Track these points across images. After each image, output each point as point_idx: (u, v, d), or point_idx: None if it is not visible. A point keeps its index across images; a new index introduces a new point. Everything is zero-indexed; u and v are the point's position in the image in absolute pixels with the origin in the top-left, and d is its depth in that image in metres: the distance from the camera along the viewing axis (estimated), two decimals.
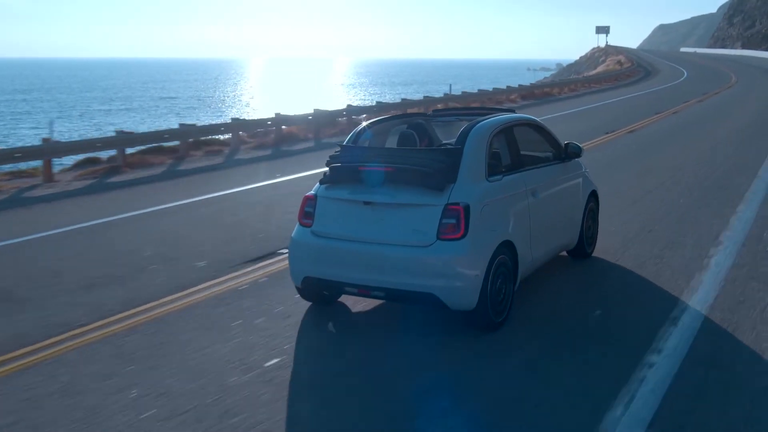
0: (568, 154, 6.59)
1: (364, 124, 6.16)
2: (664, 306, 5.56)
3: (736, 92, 32.42)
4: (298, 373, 4.61)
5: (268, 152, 16.47)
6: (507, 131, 5.84)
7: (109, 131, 23.40)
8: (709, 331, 5.04)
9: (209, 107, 66.04)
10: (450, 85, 32.68)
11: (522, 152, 6.00)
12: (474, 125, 5.49)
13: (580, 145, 6.76)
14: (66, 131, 40.57)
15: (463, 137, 5.33)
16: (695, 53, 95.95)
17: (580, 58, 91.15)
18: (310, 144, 17.87)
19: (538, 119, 6.74)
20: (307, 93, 74.99)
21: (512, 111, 6.63)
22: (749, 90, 33.54)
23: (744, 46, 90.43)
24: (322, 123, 19.72)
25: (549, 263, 6.45)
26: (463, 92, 29.57)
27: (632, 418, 3.82)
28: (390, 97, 32.92)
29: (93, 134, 33.26)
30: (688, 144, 15.13)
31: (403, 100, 26.01)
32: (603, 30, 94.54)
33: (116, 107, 65.86)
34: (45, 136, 15.65)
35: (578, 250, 6.86)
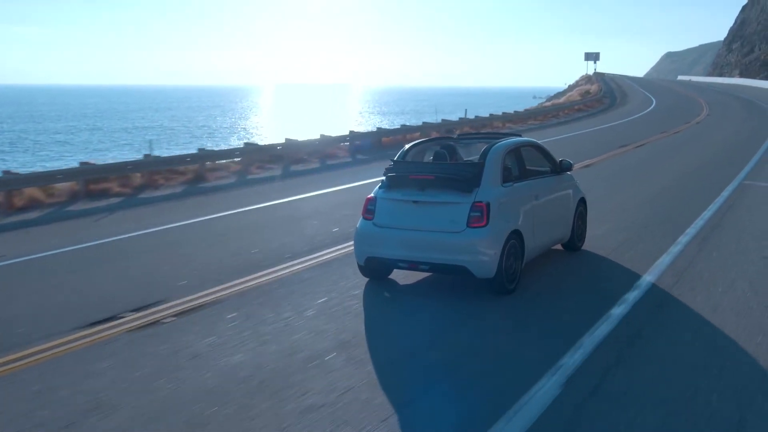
0: (562, 168, 8.59)
1: (408, 145, 8.16)
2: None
3: (686, 137, 26.49)
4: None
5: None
6: (516, 150, 7.85)
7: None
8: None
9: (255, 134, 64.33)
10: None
11: (527, 167, 8.00)
12: (492, 146, 7.51)
13: (571, 162, 8.77)
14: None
15: (485, 155, 7.34)
16: (690, 81, 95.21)
17: (568, 86, 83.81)
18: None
19: (539, 142, 8.76)
20: (333, 117, 75.88)
21: (519, 135, 8.65)
22: (704, 133, 28.26)
23: (742, 74, 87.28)
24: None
25: (548, 252, 8.41)
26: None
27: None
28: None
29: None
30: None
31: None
32: (592, 56, 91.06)
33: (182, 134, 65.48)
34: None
35: (570, 243, 8.84)
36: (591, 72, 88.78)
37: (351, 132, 24.05)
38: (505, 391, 4.88)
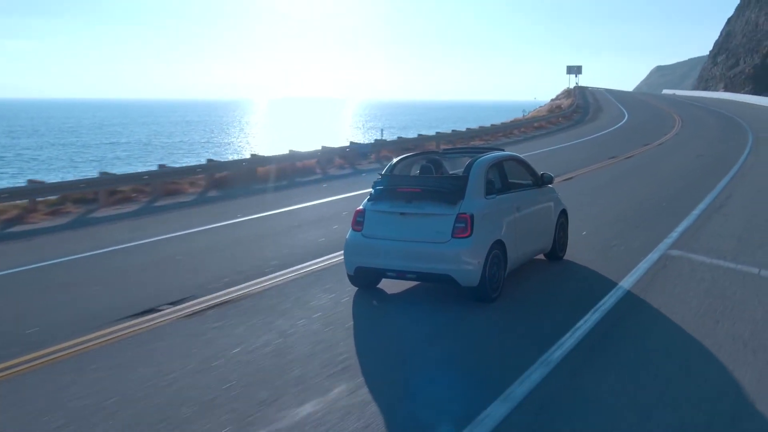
0: (543, 181, 8.94)
1: (395, 159, 8.49)
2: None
3: (634, 164, 21.67)
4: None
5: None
6: (499, 164, 8.19)
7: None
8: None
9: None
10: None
11: (510, 179, 8.34)
12: (476, 160, 7.84)
13: (552, 175, 9.12)
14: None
15: (468, 168, 7.68)
16: (674, 95, 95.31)
17: (546, 100, 79.48)
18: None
19: (521, 156, 9.12)
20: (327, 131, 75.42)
21: (502, 149, 9.00)
22: (659, 159, 23.52)
23: (726, 87, 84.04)
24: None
25: (531, 262, 8.74)
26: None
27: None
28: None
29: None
30: None
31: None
32: (574, 70, 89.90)
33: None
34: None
35: (552, 253, 9.17)
36: (573, 85, 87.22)
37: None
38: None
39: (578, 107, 57.07)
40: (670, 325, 6.67)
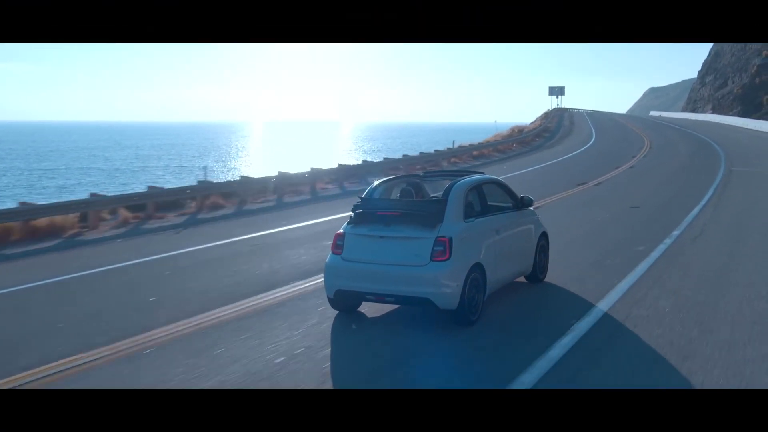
0: (523, 204, 9.01)
1: (377, 182, 8.54)
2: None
3: (553, 212, 15.09)
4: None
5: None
6: (478, 187, 8.25)
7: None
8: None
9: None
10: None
11: (489, 202, 8.39)
12: (455, 183, 7.90)
13: (532, 198, 9.20)
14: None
15: (447, 192, 7.73)
16: (660, 117, 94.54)
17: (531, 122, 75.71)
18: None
19: (501, 179, 9.19)
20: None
21: (482, 173, 9.07)
22: (588, 208, 16.71)
23: (714, 109, 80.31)
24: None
25: (512, 284, 8.76)
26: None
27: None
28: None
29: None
30: None
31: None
32: (556, 91, 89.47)
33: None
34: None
35: (533, 276, 9.21)
36: (555, 106, 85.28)
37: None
38: None
39: (545, 130, 53.18)
40: None
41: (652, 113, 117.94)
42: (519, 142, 43.27)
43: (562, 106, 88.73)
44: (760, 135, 49.41)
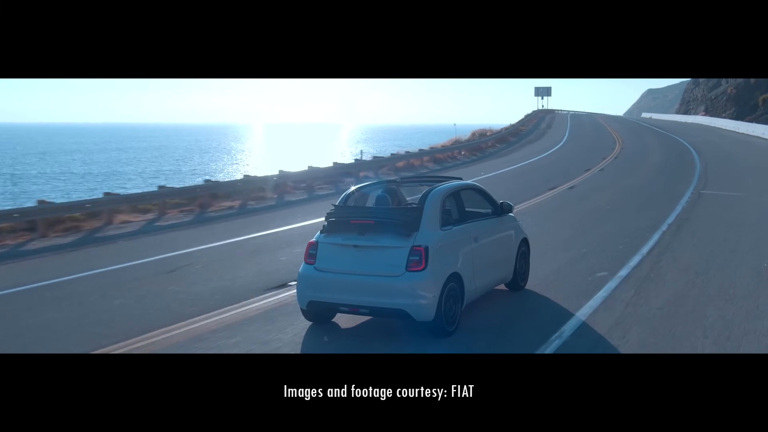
0: (503, 210, 8.78)
1: (352, 188, 8.28)
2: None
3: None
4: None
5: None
6: (455, 194, 8.01)
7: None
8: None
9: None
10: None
11: (467, 209, 8.16)
12: (431, 190, 7.66)
13: (512, 204, 8.97)
14: None
15: (423, 199, 7.49)
16: (650, 118, 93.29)
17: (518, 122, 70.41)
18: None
19: (480, 185, 8.95)
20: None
21: (460, 179, 8.84)
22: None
23: (707, 110, 77.21)
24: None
25: (491, 293, 8.53)
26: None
27: None
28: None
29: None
30: None
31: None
32: (542, 92, 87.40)
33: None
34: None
35: (513, 284, 8.99)
36: (539, 107, 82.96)
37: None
38: None
39: (513, 134, 49.03)
40: None
41: (644, 114, 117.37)
42: (472, 148, 36.35)
43: (548, 108, 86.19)
44: (749, 140, 43.85)
